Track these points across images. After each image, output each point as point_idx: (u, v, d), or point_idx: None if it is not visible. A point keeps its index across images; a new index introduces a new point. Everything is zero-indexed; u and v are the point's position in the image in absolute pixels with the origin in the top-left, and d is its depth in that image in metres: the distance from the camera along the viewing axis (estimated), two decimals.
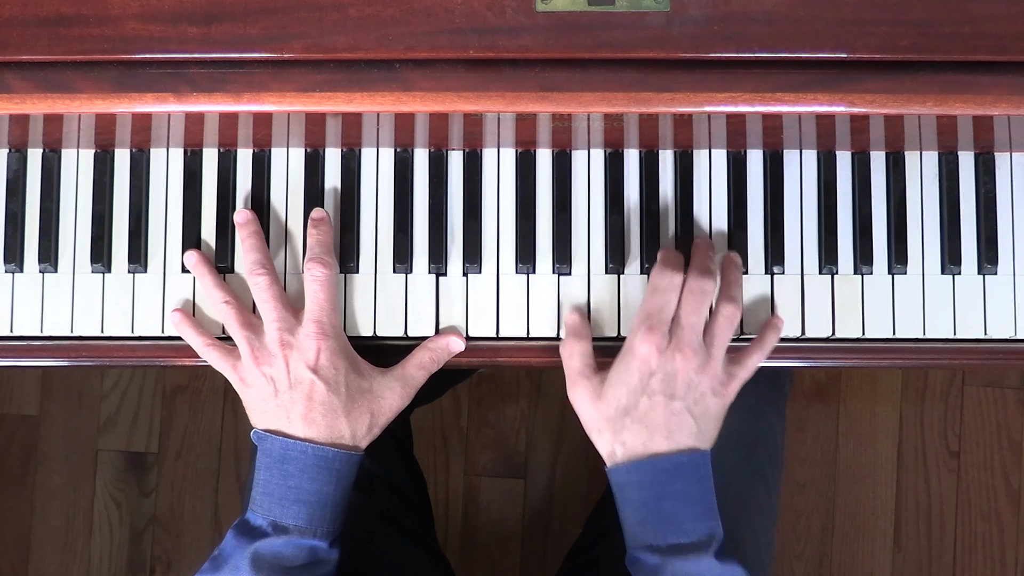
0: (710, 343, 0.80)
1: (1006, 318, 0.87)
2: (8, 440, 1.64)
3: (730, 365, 0.81)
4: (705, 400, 0.79)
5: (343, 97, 0.76)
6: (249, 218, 0.85)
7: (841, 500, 1.62)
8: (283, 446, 0.79)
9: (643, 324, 0.79)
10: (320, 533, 0.79)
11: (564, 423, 1.60)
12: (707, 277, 0.81)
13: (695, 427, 0.78)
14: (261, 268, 0.82)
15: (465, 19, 0.75)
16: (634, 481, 0.78)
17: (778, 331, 0.85)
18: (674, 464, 0.77)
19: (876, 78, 0.75)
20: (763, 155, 0.88)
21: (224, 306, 0.83)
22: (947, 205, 0.88)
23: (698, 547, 0.77)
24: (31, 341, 0.87)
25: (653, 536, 0.77)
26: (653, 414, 0.78)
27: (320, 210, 0.85)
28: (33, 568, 1.63)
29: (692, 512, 0.77)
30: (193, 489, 1.63)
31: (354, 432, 0.81)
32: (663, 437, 0.78)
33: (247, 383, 0.81)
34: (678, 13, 0.75)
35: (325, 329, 0.80)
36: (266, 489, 0.79)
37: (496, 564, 1.61)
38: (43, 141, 0.86)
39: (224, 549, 0.79)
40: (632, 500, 0.78)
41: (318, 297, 0.81)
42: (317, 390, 0.79)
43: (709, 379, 0.79)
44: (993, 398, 1.62)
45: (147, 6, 0.75)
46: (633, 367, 0.79)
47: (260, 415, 0.81)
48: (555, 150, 0.87)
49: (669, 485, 0.77)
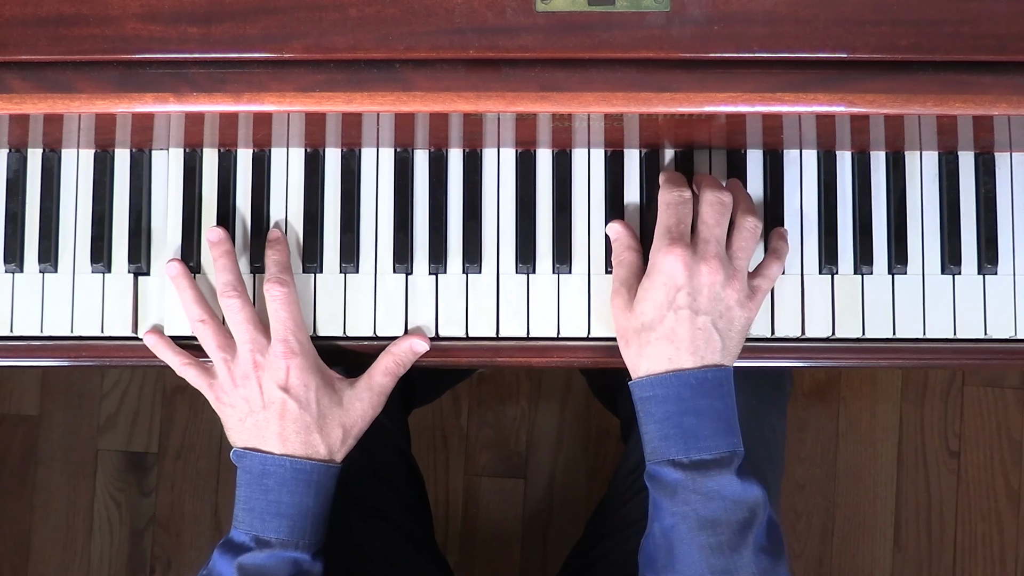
0: (734, 255, 0.80)
1: (1006, 318, 0.87)
2: (8, 440, 1.63)
3: (752, 277, 0.82)
4: (731, 313, 0.79)
5: (343, 97, 0.76)
6: (222, 237, 0.85)
7: (841, 500, 1.62)
8: (262, 462, 0.80)
9: (664, 238, 0.79)
10: (302, 545, 0.80)
11: (564, 423, 1.60)
12: (722, 190, 0.81)
13: (720, 343, 0.78)
14: (232, 290, 0.82)
15: (465, 19, 0.75)
16: (658, 395, 0.78)
17: (785, 239, 0.85)
18: (699, 379, 0.77)
19: (876, 78, 0.75)
20: (763, 155, 0.88)
21: (201, 325, 0.83)
22: (947, 205, 0.87)
23: (720, 463, 0.77)
24: (31, 341, 0.87)
25: (675, 451, 0.77)
26: (679, 329, 0.78)
27: (275, 230, 0.86)
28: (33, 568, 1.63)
29: (715, 428, 0.77)
30: (193, 489, 1.63)
31: (329, 446, 0.81)
32: (688, 353, 0.78)
33: (224, 402, 0.82)
34: (678, 13, 0.75)
35: (292, 347, 0.80)
36: (247, 505, 0.80)
37: (496, 564, 1.61)
38: (43, 141, 0.86)
39: (211, 568, 0.80)
40: (654, 415, 0.78)
41: (280, 315, 0.81)
42: (289, 408, 0.80)
43: (735, 291, 0.79)
44: (993, 398, 1.62)
45: (147, 6, 0.75)
46: (659, 282, 0.79)
47: (237, 434, 0.82)
48: (555, 150, 0.87)
49: (692, 400, 0.77)
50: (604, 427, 1.59)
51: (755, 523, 0.76)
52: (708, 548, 0.75)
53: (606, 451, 1.60)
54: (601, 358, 0.86)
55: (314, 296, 0.86)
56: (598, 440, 1.60)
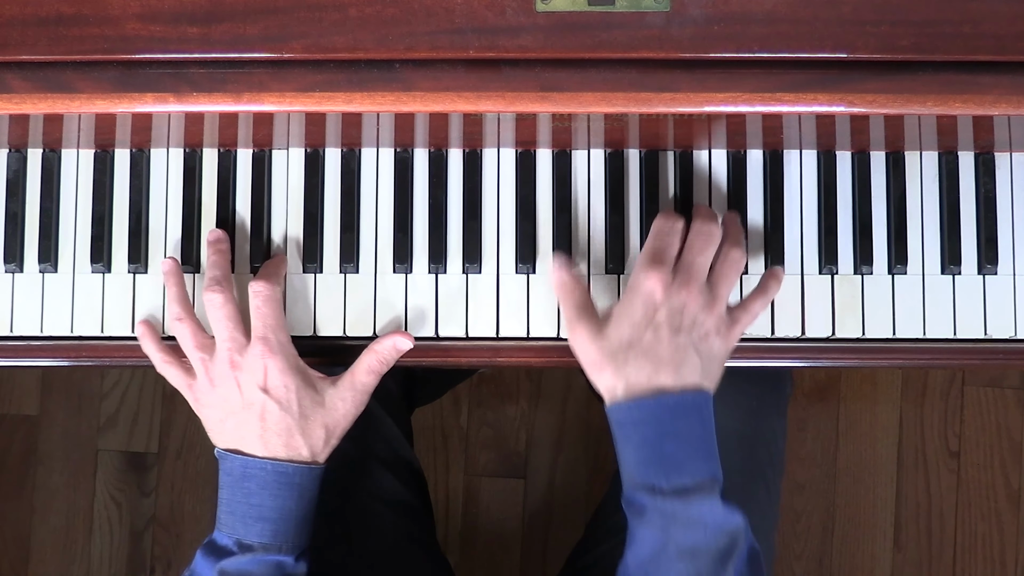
0: (714, 284, 0.79)
1: (1006, 318, 0.87)
2: (8, 440, 1.63)
3: (733, 310, 0.80)
4: (709, 340, 0.77)
5: (343, 97, 0.76)
6: (220, 237, 0.85)
7: (841, 500, 1.62)
8: (243, 464, 0.80)
9: (647, 261, 0.78)
10: (285, 548, 0.80)
11: (564, 423, 1.60)
12: (713, 222, 0.81)
13: (700, 364, 0.77)
14: (216, 286, 0.81)
15: (465, 19, 0.75)
16: (635, 419, 0.76)
17: (779, 280, 0.84)
18: (679, 403, 0.75)
19: (876, 78, 0.75)
20: (763, 155, 0.88)
21: (178, 324, 0.82)
22: (947, 205, 0.87)
23: (701, 489, 0.75)
24: (31, 341, 0.87)
25: (655, 477, 0.75)
26: (659, 347, 0.76)
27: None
28: (33, 568, 1.63)
29: (695, 453, 0.75)
30: (193, 489, 1.63)
31: (312, 447, 0.81)
32: (669, 371, 0.75)
33: (202, 403, 0.82)
34: (678, 13, 0.75)
35: (272, 347, 0.79)
36: (229, 508, 0.80)
37: (496, 564, 1.61)
38: (43, 141, 0.86)
39: (193, 570, 0.80)
40: (632, 439, 0.76)
41: (262, 312, 0.80)
42: (269, 410, 0.79)
43: (714, 320, 0.78)
44: (993, 398, 1.62)
45: (147, 6, 0.75)
46: (638, 302, 0.77)
47: (218, 435, 0.82)
48: (555, 150, 0.87)
49: (672, 424, 0.75)
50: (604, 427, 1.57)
51: (735, 551, 0.75)
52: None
53: (606, 451, 1.60)
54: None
55: (314, 296, 0.86)
56: (598, 440, 1.60)
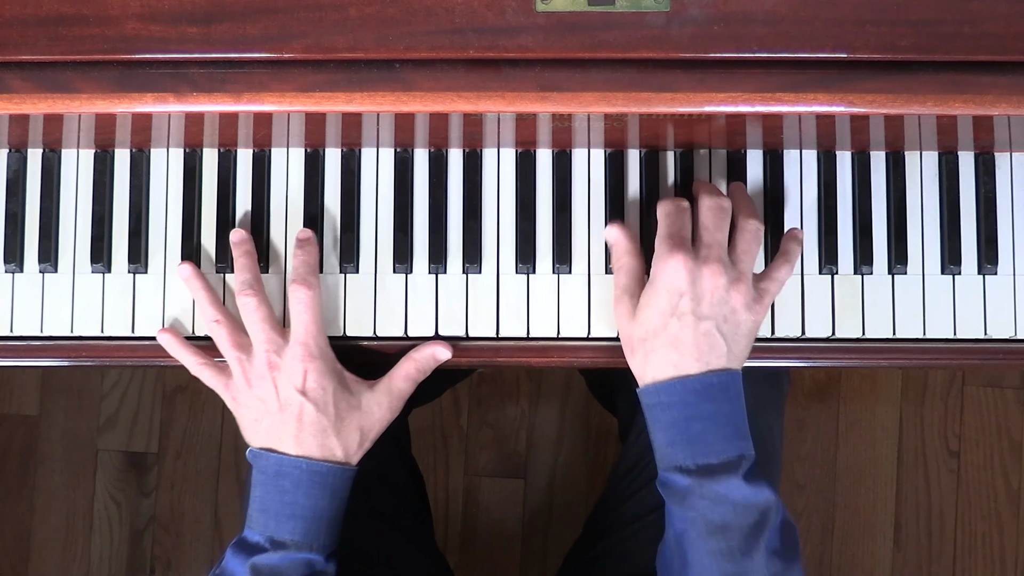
0: (737, 259, 0.80)
1: (1006, 318, 0.87)
2: (8, 440, 1.63)
3: (759, 281, 0.81)
4: (736, 316, 0.79)
5: (343, 97, 0.76)
6: (244, 237, 0.85)
7: (841, 500, 1.62)
8: (278, 463, 0.80)
9: (665, 245, 0.79)
10: (316, 547, 0.80)
11: (564, 423, 1.60)
12: (720, 195, 0.81)
13: (725, 347, 0.78)
14: (249, 289, 0.82)
15: (465, 19, 0.75)
16: (663, 402, 0.78)
17: (799, 242, 0.85)
18: (703, 384, 0.77)
19: (876, 78, 0.75)
20: (763, 155, 0.88)
21: (215, 325, 0.83)
22: (947, 205, 0.87)
23: (727, 467, 0.76)
24: (31, 341, 0.87)
25: (682, 457, 0.77)
26: (682, 336, 0.77)
27: (306, 230, 0.85)
28: (33, 568, 1.63)
29: (722, 433, 0.77)
30: (193, 489, 1.63)
31: (346, 449, 0.81)
32: (692, 359, 0.77)
33: (239, 403, 0.82)
34: (678, 13, 0.75)
35: (311, 351, 0.80)
36: (262, 506, 0.80)
37: (496, 564, 1.61)
38: (43, 141, 0.86)
39: (224, 567, 0.80)
40: (661, 421, 0.78)
41: (303, 318, 0.81)
42: (306, 412, 0.80)
43: (741, 295, 0.79)
44: (993, 398, 1.62)
45: (147, 6, 0.75)
46: (662, 289, 0.78)
47: (253, 434, 0.82)
48: (555, 150, 0.87)
49: (698, 406, 0.77)
50: (604, 427, 1.59)
51: (766, 526, 0.76)
52: (719, 553, 0.75)
53: (606, 451, 1.60)
54: (601, 358, 0.86)
55: None
56: (598, 440, 1.60)
